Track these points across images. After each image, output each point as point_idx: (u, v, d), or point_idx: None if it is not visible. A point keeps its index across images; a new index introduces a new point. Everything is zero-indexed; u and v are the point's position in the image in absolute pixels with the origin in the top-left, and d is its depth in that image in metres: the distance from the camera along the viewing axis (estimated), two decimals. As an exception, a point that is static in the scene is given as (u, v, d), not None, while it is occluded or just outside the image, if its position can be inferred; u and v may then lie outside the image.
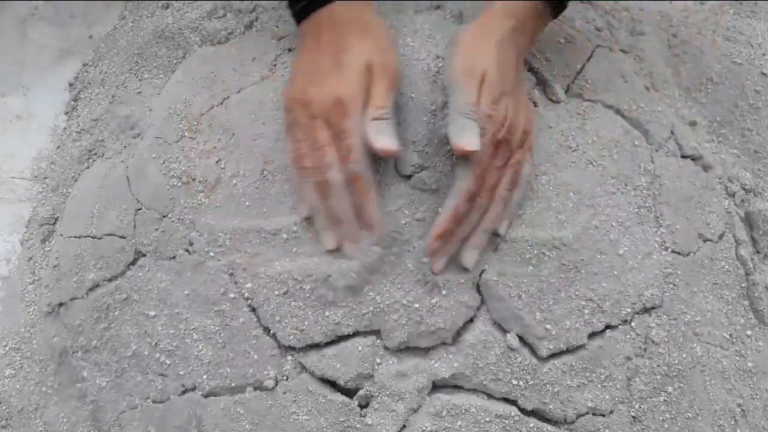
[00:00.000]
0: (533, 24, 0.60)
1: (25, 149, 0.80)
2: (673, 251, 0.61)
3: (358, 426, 0.55)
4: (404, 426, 0.55)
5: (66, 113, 0.81)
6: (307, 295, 0.56)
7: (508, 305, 0.56)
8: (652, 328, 0.58)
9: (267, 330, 0.58)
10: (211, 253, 0.59)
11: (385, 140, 0.54)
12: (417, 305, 0.56)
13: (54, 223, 0.73)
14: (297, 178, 0.58)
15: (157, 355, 0.59)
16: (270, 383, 0.57)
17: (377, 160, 0.57)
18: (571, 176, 0.60)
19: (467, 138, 0.53)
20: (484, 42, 0.57)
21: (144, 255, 0.62)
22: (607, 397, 0.57)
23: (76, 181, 0.72)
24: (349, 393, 0.57)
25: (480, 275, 0.57)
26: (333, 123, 0.55)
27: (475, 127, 0.54)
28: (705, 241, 0.63)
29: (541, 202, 0.58)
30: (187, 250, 0.60)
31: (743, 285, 0.64)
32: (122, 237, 0.62)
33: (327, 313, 0.56)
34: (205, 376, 0.58)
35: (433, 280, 0.56)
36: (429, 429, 0.55)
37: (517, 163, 0.56)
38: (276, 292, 0.57)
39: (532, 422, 0.56)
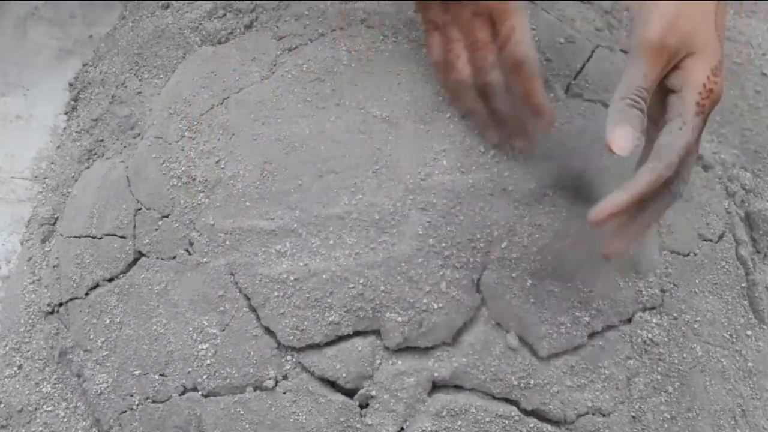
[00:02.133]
0: None
1: (25, 149, 0.80)
2: (673, 251, 0.61)
3: (358, 426, 0.55)
4: (404, 426, 0.55)
5: (66, 113, 0.81)
6: (307, 295, 0.56)
7: (508, 305, 0.56)
8: (652, 328, 0.58)
9: (267, 330, 0.58)
10: (211, 253, 0.59)
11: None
12: (417, 305, 0.56)
13: (54, 223, 0.73)
14: (450, 82, 0.54)
15: (157, 355, 0.59)
16: (270, 383, 0.57)
17: None
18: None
19: (622, 136, 0.45)
20: (692, 7, 0.47)
21: (144, 255, 0.62)
22: (607, 397, 0.57)
23: (76, 181, 0.72)
24: (349, 393, 0.57)
25: (480, 275, 0.57)
26: (494, 10, 0.50)
27: (636, 121, 0.46)
28: (705, 241, 0.63)
29: (541, 202, 0.58)
30: (187, 250, 0.60)
31: (743, 285, 0.64)
32: (122, 237, 0.62)
33: (327, 313, 0.56)
34: (205, 376, 0.58)
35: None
36: (429, 429, 0.55)
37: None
38: (276, 292, 0.57)
39: (532, 422, 0.56)
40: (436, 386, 0.57)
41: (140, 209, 0.62)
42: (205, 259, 0.59)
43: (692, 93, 0.47)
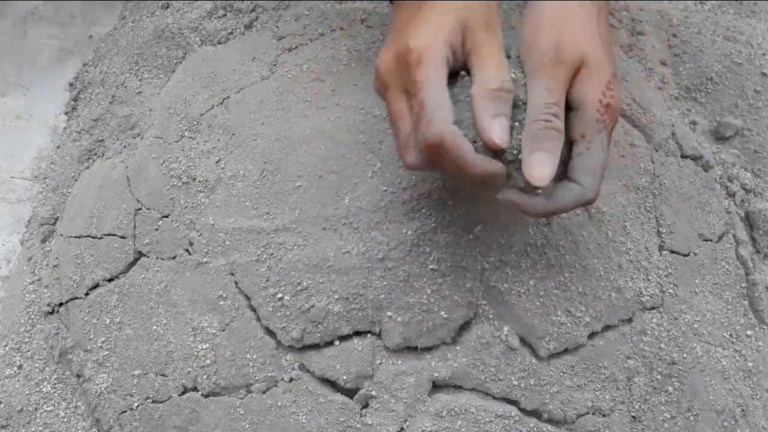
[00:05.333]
0: None
1: (25, 149, 0.80)
2: (673, 251, 0.61)
3: (358, 426, 0.55)
4: (404, 426, 0.55)
5: (66, 113, 0.81)
6: (308, 295, 0.56)
7: (508, 305, 0.56)
8: (652, 328, 0.58)
9: (267, 330, 0.58)
10: (211, 253, 0.59)
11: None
12: (417, 305, 0.56)
13: (54, 223, 0.73)
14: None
15: (158, 354, 0.59)
16: (270, 383, 0.57)
17: None
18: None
19: (538, 166, 0.42)
20: (577, 19, 0.45)
21: (144, 255, 0.62)
22: (607, 397, 0.57)
23: (76, 181, 0.72)
24: (349, 393, 0.57)
25: (481, 275, 0.57)
26: (404, 79, 0.44)
27: (552, 144, 0.43)
28: (705, 241, 0.63)
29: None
30: (187, 250, 0.60)
31: (743, 285, 0.64)
32: (122, 237, 0.62)
33: (327, 313, 0.56)
34: (205, 376, 0.58)
35: None
36: (429, 429, 0.55)
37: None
38: (276, 292, 0.57)
39: (532, 422, 0.56)
40: (436, 386, 0.57)
41: (140, 209, 0.62)
42: (205, 259, 0.59)
43: (591, 111, 0.45)
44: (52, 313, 0.66)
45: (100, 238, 0.63)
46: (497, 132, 0.42)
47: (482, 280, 0.57)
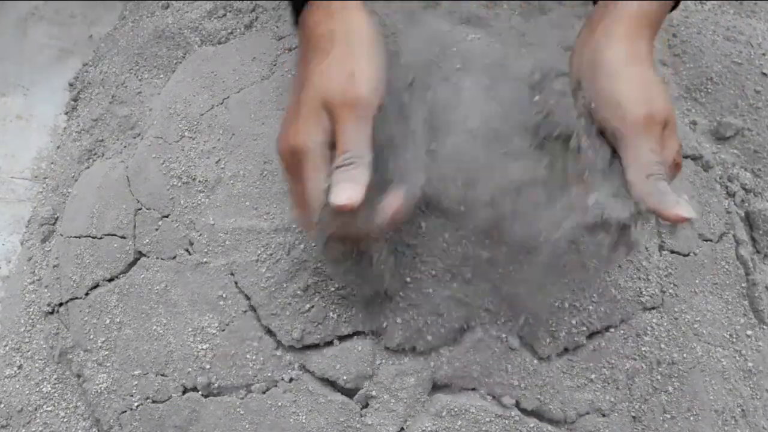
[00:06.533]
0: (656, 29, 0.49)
1: (25, 149, 0.80)
2: (673, 251, 0.61)
3: (358, 426, 0.55)
4: (404, 426, 0.55)
5: (66, 113, 0.81)
6: (308, 294, 0.56)
7: (508, 305, 0.56)
8: (652, 328, 0.58)
9: (267, 330, 0.58)
10: (211, 253, 0.59)
11: (340, 194, 0.44)
12: (417, 305, 0.56)
13: (54, 223, 0.73)
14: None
15: (158, 354, 0.59)
16: (270, 383, 0.57)
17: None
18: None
19: (680, 205, 0.43)
20: (648, 70, 0.46)
21: (144, 255, 0.62)
22: (607, 397, 0.57)
23: (76, 181, 0.72)
24: (349, 393, 0.57)
25: (481, 275, 0.57)
26: (294, 179, 0.48)
27: (668, 187, 0.44)
28: (705, 241, 0.63)
29: (541, 202, 0.58)
30: (187, 250, 0.60)
31: (743, 285, 0.64)
32: (122, 237, 0.62)
33: (327, 313, 0.56)
34: (205, 377, 0.58)
35: None
36: (429, 429, 0.55)
37: None
38: (276, 292, 0.57)
39: (532, 422, 0.56)
40: (436, 386, 0.57)
41: (140, 209, 0.62)
42: (205, 259, 0.59)
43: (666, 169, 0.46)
44: (52, 313, 0.66)
45: (100, 238, 0.63)
46: (341, 197, 0.44)
47: (483, 281, 0.57)
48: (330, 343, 0.57)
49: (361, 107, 0.46)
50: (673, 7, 0.52)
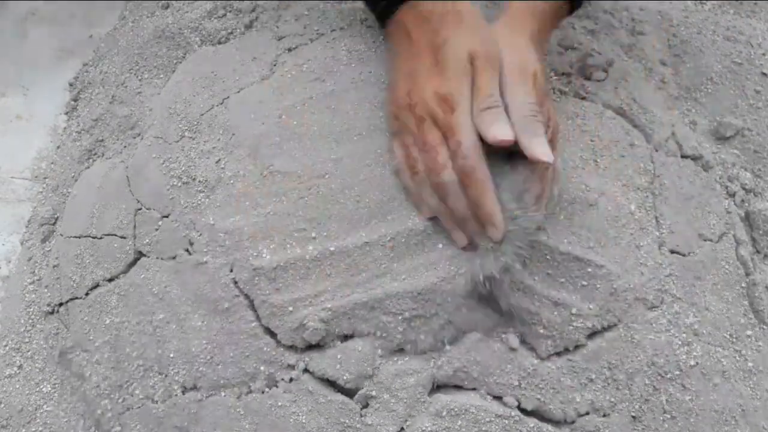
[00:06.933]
0: (551, 24, 0.59)
1: (25, 149, 0.80)
2: (673, 251, 0.61)
3: (358, 426, 0.55)
4: (404, 426, 0.55)
5: (66, 113, 0.81)
6: (308, 294, 0.56)
7: (508, 305, 0.56)
8: (653, 328, 0.58)
9: (267, 330, 0.57)
10: (211, 253, 0.59)
11: (498, 129, 0.51)
12: (417, 305, 0.56)
13: (54, 223, 0.73)
14: (412, 184, 0.56)
15: (158, 354, 0.59)
16: (270, 383, 0.57)
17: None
18: (571, 176, 0.60)
19: (540, 147, 0.51)
20: (522, 40, 0.56)
21: (144, 255, 0.62)
22: (607, 397, 0.57)
23: (76, 181, 0.72)
24: (349, 393, 0.57)
25: (481, 275, 0.57)
26: (440, 122, 0.53)
27: (542, 130, 0.52)
28: (705, 241, 0.63)
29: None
30: (187, 250, 0.60)
31: (743, 285, 0.64)
32: (122, 237, 0.62)
33: (327, 313, 0.56)
34: (205, 376, 0.58)
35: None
36: (429, 429, 0.55)
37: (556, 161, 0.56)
38: (276, 292, 0.57)
39: (532, 422, 0.56)
40: (436, 386, 0.57)
41: (140, 209, 0.62)
42: (205, 259, 0.59)
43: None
44: (52, 313, 0.66)
45: (100, 238, 0.63)
46: (503, 131, 0.52)
47: (482, 281, 0.57)
48: (330, 344, 0.57)
49: (496, 60, 0.54)
50: (571, 10, 0.61)
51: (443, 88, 0.53)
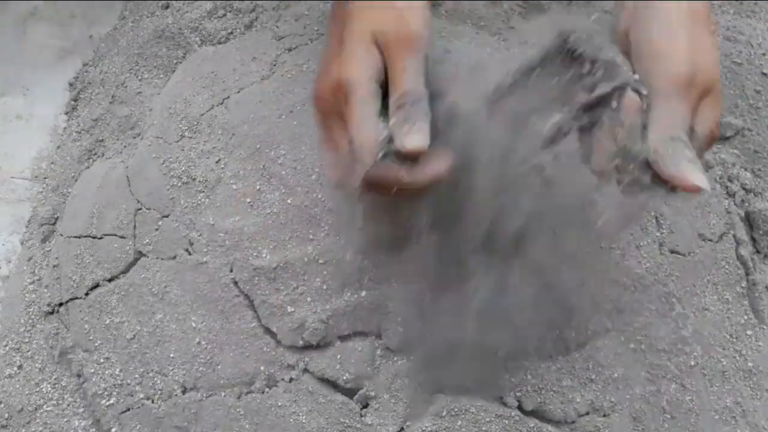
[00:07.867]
0: None
1: (25, 149, 0.80)
2: (673, 251, 0.61)
3: (358, 426, 0.55)
4: (404, 426, 0.55)
5: (66, 113, 0.81)
6: (308, 294, 0.56)
7: (508, 305, 0.56)
8: (652, 328, 0.58)
9: (267, 330, 0.58)
10: (211, 253, 0.59)
11: (410, 136, 0.41)
12: (417, 304, 0.56)
13: (54, 223, 0.73)
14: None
15: (158, 354, 0.59)
16: (270, 383, 0.57)
17: None
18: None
19: (694, 172, 0.39)
20: (704, 31, 0.43)
21: (144, 255, 0.62)
22: (607, 397, 0.57)
23: (76, 181, 0.72)
24: (349, 393, 0.57)
25: (481, 275, 0.57)
26: (341, 113, 0.45)
27: (694, 157, 0.40)
28: (705, 241, 0.63)
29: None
30: (187, 250, 0.60)
31: (743, 285, 0.64)
32: (122, 237, 0.62)
33: (327, 313, 0.56)
34: (205, 376, 0.58)
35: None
36: (429, 429, 0.55)
37: None
38: (276, 292, 0.57)
39: (532, 422, 0.56)
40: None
41: (140, 209, 0.62)
42: (205, 259, 0.59)
43: (698, 141, 0.42)
44: (52, 313, 0.66)
45: (100, 238, 0.63)
46: (412, 140, 0.41)
47: (482, 280, 0.57)
48: (330, 343, 0.57)
49: (416, 41, 0.43)
50: None
51: (340, 73, 0.44)
